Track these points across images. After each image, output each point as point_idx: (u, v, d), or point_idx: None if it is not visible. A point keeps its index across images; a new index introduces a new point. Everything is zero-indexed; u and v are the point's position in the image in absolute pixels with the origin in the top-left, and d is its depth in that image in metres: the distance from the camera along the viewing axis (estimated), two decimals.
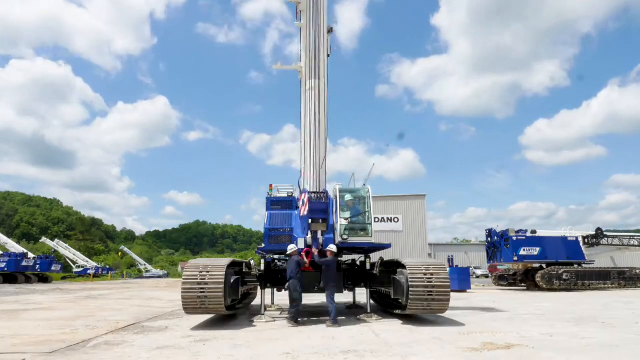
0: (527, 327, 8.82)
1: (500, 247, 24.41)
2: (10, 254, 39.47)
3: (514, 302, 15.37)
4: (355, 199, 10.98)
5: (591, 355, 6.03)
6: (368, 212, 10.75)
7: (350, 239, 10.39)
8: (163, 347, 6.76)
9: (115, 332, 8.50)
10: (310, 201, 10.41)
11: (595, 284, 23.02)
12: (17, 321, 10.31)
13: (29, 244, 74.49)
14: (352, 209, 10.90)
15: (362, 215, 10.80)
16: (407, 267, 9.27)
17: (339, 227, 10.37)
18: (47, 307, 14.10)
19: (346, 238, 10.32)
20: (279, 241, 10.64)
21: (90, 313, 12.14)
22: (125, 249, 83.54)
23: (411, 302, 9.03)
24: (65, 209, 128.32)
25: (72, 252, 59.81)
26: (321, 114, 12.10)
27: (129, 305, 15.01)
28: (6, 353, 6.32)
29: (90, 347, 6.87)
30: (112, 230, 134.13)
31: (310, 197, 10.53)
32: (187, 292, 8.90)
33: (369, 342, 7.07)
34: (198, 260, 9.69)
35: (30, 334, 8.12)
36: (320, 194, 11.01)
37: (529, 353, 6.11)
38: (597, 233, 24.75)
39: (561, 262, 23.30)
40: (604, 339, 7.26)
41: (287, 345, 6.90)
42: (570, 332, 8.13)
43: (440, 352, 6.24)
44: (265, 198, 12.17)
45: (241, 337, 7.75)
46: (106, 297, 19.11)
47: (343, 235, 10.31)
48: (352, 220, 10.70)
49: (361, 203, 10.96)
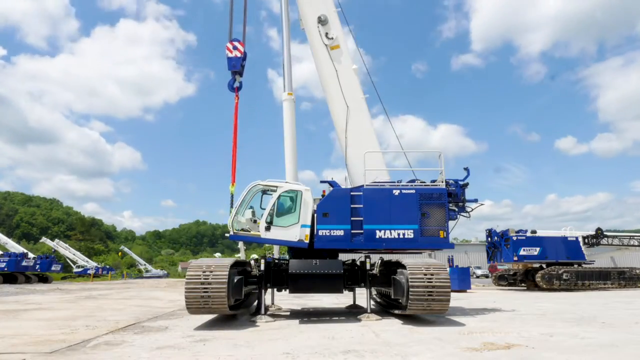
0: (528, 327, 8.82)
1: (500, 247, 24.42)
2: (10, 254, 39.48)
3: (514, 302, 15.37)
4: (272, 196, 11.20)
5: (591, 355, 6.03)
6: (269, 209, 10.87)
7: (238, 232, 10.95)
8: (163, 347, 6.76)
9: (115, 332, 8.49)
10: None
11: (595, 284, 23.02)
12: (17, 321, 10.30)
13: (29, 244, 74.54)
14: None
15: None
16: (407, 267, 9.27)
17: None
18: (47, 307, 14.09)
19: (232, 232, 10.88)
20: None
21: (90, 313, 12.14)
22: (125, 249, 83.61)
23: (411, 302, 9.03)
24: (65, 209, 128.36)
25: (72, 252, 59.78)
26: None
27: (129, 305, 15.00)
28: (6, 353, 6.32)
29: (90, 347, 6.87)
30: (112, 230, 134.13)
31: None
32: (191, 291, 8.91)
33: (369, 342, 7.07)
34: (201, 260, 9.71)
35: (30, 334, 8.11)
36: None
37: (529, 353, 6.11)
38: (597, 233, 24.75)
39: (561, 262, 23.30)
40: (604, 339, 7.26)
41: (287, 345, 6.90)
42: (570, 332, 8.13)
43: (440, 352, 6.23)
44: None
45: (241, 337, 7.75)
46: (106, 297, 19.11)
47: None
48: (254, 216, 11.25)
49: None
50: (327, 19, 12.60)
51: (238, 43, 13.08)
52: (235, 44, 13.02)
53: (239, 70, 13.06)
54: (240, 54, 13.03)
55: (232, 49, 12.99)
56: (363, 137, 12.31)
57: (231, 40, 13.03)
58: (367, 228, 10.61)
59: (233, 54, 12.98)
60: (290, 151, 13.35)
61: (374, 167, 11.70)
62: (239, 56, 13.02)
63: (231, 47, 12.99)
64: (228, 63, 13.03)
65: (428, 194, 10.93)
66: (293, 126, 13.59)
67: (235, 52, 12.99)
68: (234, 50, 12.99)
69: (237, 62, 13.00)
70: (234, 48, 13.00)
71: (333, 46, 12.59)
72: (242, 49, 13.09)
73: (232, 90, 13.03)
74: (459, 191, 11.65)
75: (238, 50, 13.03)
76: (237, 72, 13.06)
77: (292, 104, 13.74)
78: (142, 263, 79.97)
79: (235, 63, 12.97)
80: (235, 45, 13.02)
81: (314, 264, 10.20)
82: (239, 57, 13.02)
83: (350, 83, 12.52)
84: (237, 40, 13.10)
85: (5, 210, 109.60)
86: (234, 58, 12.98)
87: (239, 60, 13.01)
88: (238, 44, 13.06)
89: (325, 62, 12.60)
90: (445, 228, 10.84)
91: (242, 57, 13.09)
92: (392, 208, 10.76)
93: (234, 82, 13.04)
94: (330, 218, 10.67)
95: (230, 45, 12.99)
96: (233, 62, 12.98)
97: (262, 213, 10.97)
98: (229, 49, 12.99)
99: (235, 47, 13.01)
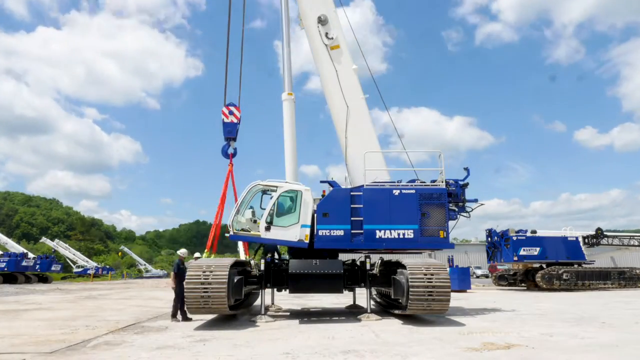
0: (527, 327, 8.82)
1: (500, 247, 24.41)
2: (10, 254, 39.47)
3: (514, 302, 15.37)
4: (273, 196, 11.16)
5: (591, 355, 6.03)
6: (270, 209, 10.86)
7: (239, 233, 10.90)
8: (163, 347, 6.76)
9: (115, 332, 8.50)
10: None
11: (595, 284, 23.01)
12: (17, 321, 10.31)
13: (29, 244, 74.44)
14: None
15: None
16: (408, 268, 9.27)
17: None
18: (47, 307, 14.10)
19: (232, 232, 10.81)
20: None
21: (90, 313, 12.14)
22: (125, 249, 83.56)
23: (411, 302, 9.04)
24: (65, 209, 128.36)
25: (72, 252, 59.75)
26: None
27: (129, 305, 15.01)
28: (6, 353, 6.33)
29: (90, 347, 6.87)
30: (112, 230, 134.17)
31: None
32: (191, 291, 8.92)
33: (369, 342, 7.07)
34: (201, 260, 9.73)
35: (30, 334, 8.12)
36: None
37: (529, 353, 6.11)
38: (597, 233, 24.75)
39: (561, 262, 23.29)
40: (604, 339, 7.26)
41: (287, 345, 6.91)
42: (570, 332, 8.13)
43: (440, 352, 6.24)
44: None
45: (241, 337, 7.75)
46: (106, 297, 19.11)
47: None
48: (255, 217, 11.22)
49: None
50: (327, 19, 12.55)
51: (234, 108, 12.79)
52: (232, 109, 12.74)
53: (234, 136, 12.80)
54: (236, 119, 12.75)
55: (229, 114, 12.69)
56: (363, 137, 12.31)
57: (227, 105, 12.69)
58: (367, 228, 10.61)
59: (229, 119, 12.69)
60: (290, 151, 13.34)
61: (374, 167, 11.70)
62: (235, 122, 12.74)
63: (227, 112, 12.68)
64: (224, 129, 12.73)
65: (428, 194, 10.93)
66: (293, 126, 13.56)
67: (231, 117, 12.70)
68: (230, 116, 12.71)
69: (232, 128, 12.73)
70: (229, 113, 12.70)
71: (333, 46, 12.56)
72: (239, 114, 12.80)
73: (227, 156, 12.75)
74: (458, 191, 11.65)
75: (234, 115, 12.75)
76: (232, 138, 12.81)
77: (292, 104, 13.71)
78: (142, 263, 79.95)
79: (231, 129, 12.71)
80: (232, 110, 12.74)
81: (314, 264, 10.20)
82: (235, 123, 12.74)
83: (350, 83, 12.50)
84: (233, 105, 12.78)
85: (5, 210, 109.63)
86: (230, 124, 12.72)
87: (235, 127, 12.74)
88: (234, 109, 12.77)
89: (325, 62, 12.58)
90: (446, 228, 10.84)
91: (238, 122, 12.83)
92: (392, 208, 10.76)
93: (228, 147, 12.76)
94: (330, 218, 10.67)
95: (227, 110, 12.67)
96: (229, 128, 12.72)
97: (262, 213, 10.98)
98: (225, 114, 12.69)
99: (232, 112, 12.74)
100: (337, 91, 12.43)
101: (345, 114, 12.31)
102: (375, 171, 11.69)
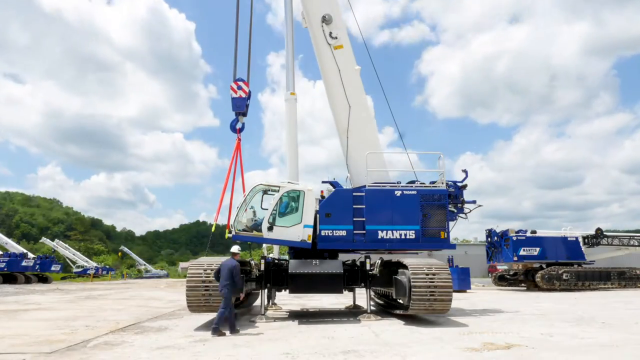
0: (527, 327, 8.82)
1: (500, 247, 24.41)
2: (10, 254, 39.42)
3: (514, 302, 15.37)
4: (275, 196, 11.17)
5: (591, 355, 6.03)
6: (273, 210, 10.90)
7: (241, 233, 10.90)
8: (163, 347, 6.76)
9: (115, 332, 8.50)
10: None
11: (595, 284, 22.99)
12: (17, 321, 10.31)
13: (28, 244, 74.40)
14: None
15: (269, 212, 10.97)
16: (409, 267, 9.26)
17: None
18: (47, 307, 14.09)
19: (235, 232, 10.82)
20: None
21: (90, 313, 12.14)
22: (125, 249, 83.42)
23: (413, 302, 9.03)
24: (65, 209, 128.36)
25: (71, 252, 59.68)
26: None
27: (129, 305, 15.00)
28: (6, 353, 6.33)
29: (90, 347, 6.87)
30: (111, 230, 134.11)
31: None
32: (192, 290, 8.93)
33: (369, 342, 7.07)
34: (202, 258, 9.73)
35: (30, 334, 8.12)
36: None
37: (529, 353, 6.11)
38: (597, 233, 24.74)
39: (561, 262, 23.28)
40: (604, 339, 7.26)
41: (287, 345, 6.91)
42: (570, 332, 8.13)
43: (440, 352, 6.24)
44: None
45: (241, 337, 7.75)
46: (106, 297, 19.11)
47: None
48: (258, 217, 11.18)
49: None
50: (331, 18, 12.45)
51: (243, 83, 12.65)
52: (240, 84, 12.59)
53: (244, 111, 12.70)
54: (245, 94, 12.62)
55: (237, 89, 12.55)
56: (365, 137, 12.30)
57: (236, 80, 12.59)
58: (370, 228, 10.63)
59: (238, 94, 12.56)
60: (292, 151, 13.29)
61: (376, 167, 11.70)
62: (244, 97, 12.62)
63: (236, 87, 12.55)
64: (232, 104, 12.61)
65: (429, 195, 10.95)
66: (295, 126, 13.53)
67: (240, 92, 12.56)
68: (239, 91, 12.56)
69: (241, 102, 12.58)
70: (238, 88, 12.56)
71: (337, 46, 12.50)
72: (247, 89, 12.68)
73: (234, 131, 12.70)
74: (457, 192, 11.67)
75: (243, 90, 12.60)
76: (241, 113, 12.70)
77: (294, 103, 13.67)
78: (142, 263, 79.83)
79: (240, 104, 12.57)
80: (240, 85, 12.59)
81: (313, 264, 10.20)
82: (244, 98, 12.61)
83: (352, 83, 12.47)
84: (241, 80, 12.68)
85: (5, 210, 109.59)
86: (238, 99, 12.57)
87: (244, 101, 12.61)
88: (243, 84, 12.62)
89: (328, 61, 12.52)
90: (446, 229, 10.86)
91: (247, 97, 12.70)
92: (394, 209, 10.79)
93: (236, 122, 12.69)
94: (332, 218, 10.69)
95: (235, 85, 12.55)
96: (238, 103, 12.57)
97: (264, 213, 10.98)
98: (233, 89, 12.57)
99: (240, 87, 12.58)
100: (339, 91, 12.40)
101: (347, 113, 12.29)
102: (377, 172, 11.71)
